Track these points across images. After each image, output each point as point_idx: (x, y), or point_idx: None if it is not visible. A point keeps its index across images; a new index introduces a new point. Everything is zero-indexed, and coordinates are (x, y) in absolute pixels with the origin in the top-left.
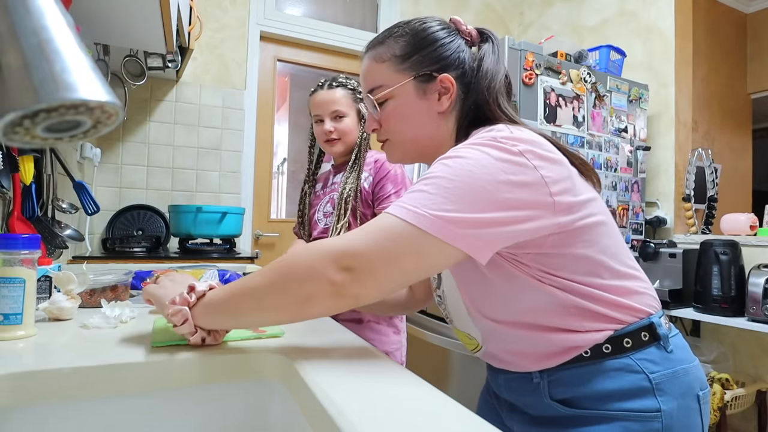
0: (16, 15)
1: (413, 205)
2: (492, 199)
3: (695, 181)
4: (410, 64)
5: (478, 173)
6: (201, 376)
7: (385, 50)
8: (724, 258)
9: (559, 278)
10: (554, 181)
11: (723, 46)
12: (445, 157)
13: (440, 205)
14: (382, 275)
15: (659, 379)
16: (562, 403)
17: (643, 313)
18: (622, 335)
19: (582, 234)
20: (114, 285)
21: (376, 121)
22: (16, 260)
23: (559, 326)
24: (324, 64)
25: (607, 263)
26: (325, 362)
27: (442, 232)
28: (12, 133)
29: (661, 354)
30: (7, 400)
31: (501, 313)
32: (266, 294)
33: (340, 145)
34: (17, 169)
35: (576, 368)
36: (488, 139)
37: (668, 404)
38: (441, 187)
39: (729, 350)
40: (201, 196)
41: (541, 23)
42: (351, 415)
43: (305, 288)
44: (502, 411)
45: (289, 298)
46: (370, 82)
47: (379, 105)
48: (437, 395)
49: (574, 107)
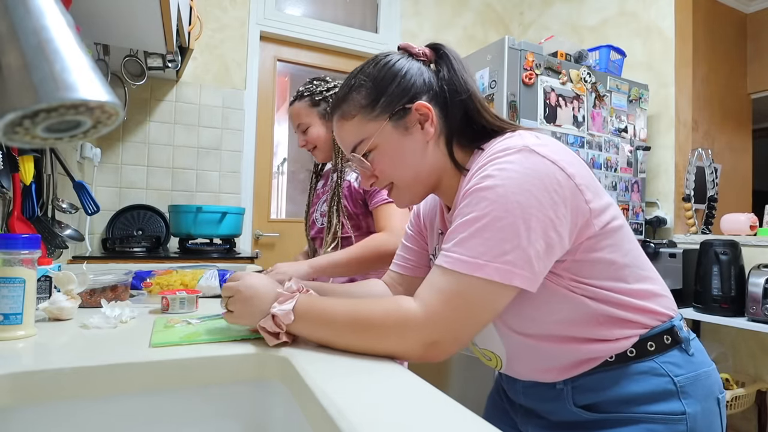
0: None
1: (473, 257)
2: (542, 226)
3: (695, 181)
4: (381, 108)
5: (526, 203)
6: (201, 376)
7: (352, 106)
8: (724, 258)
9: (590, 286)
10: (586, 187)
11: (723, 46)
12: (481, 188)
13: (498, 248)
14: (465, 337)
15: (683, 382)
16: (585, 409)
17: (665, 316)
18: (646, 339)
19: (608, 237)
20: (114, 285)
21: (371, 175)
22: (16, 260)
23: (589, 336)
24: (324, 64)
25: (631, 267)
26: (325, 362)
27: (507, 277)
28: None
29: (683, 357)
30: (7, 400)
31: (532, 328)
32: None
33: (319, 152)
34: (17, 169)
35: (600, 373)
36: (520, 148)
37: (692, 407)
38: (493, 228)
39: (729, 350)
40: (201, 196)
41: (541, 23)
42: (351, 415)
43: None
44: (517, 415)
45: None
46: (349, 141)
47: (366, 158)
48: (437, 396)
49: (574, 107)
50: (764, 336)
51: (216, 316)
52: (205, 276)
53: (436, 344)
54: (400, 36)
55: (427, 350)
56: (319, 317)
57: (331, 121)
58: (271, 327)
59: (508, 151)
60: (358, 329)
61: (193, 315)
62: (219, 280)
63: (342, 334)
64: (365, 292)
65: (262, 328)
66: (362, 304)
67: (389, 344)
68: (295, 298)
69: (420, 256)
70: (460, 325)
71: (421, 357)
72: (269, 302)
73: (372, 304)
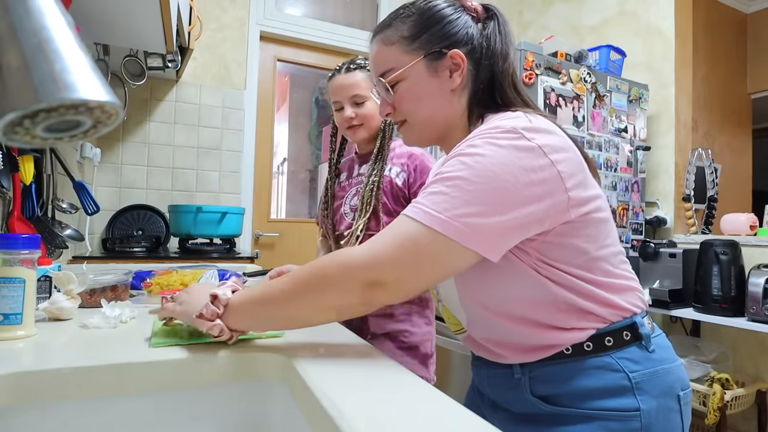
0: (16, 15)
1: (436, 210)
2: (513, 200)
3: (695, 181)
4: (419, 44)
5: (500, 174)
6: (201, 376)
7: (393, 32)
8: (724, 258)
9: (556, 269)
10: (569, 176)
11: (723, 46)
12: (463, 153)
13: (463, 209)
14: (410, 284)
15: (639, 378)
16: (543, 400)
17: (628, 312)
18: (604, 334)
19: (586, 227)
20: (114, 285)
21: (390, 105)
22: (16, 260)
23: (545, 322)
24: (324, 64)
25: (603, 260)
26: (325, 362)
27: (466, 238)
28: (12, 133)
29: (642, 353)
30: (7, 400)
31: (491, 301)
32: (292, 302)
33: (363, 130)
34: (17, 169)
35: (557, 365)
36: (508, 129)
37: (647, 403)
38: (463, 189)
39: (729, 350)
40: (201, 196)
41: (540, 23)
42: (351, 415)
43: (333, 300)
44: (486, 410)
45: (316, 307)
46: (381, 66)
47: (391, 87)
48: (437, 395)
49: (574, 107)
50: (764, 336)
51: None
52: (205, 276)
53: (379, 285)
54: None
55: (369, 292)
56: (258, 295)
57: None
58: (208, 310)
59: (498, 129)
60: (299, 290)
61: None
62: (219, 280)
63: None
64: None
65: (199, 315)
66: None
67: (331, 295)
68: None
69: None
70: (407, 268)
71: (364, 302)
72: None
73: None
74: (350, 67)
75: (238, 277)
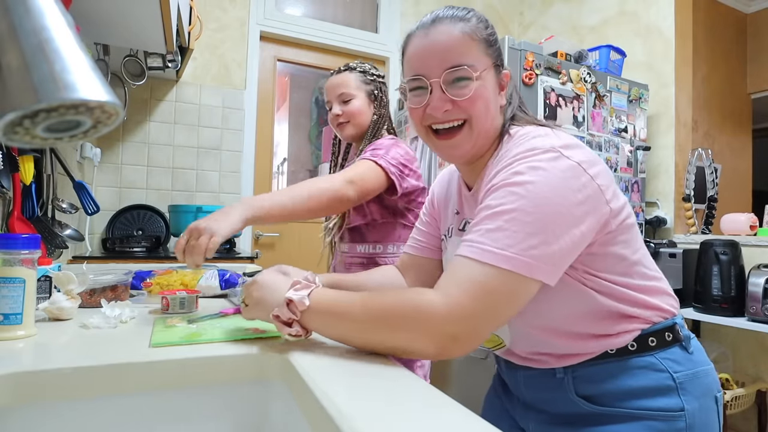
0: (16, 15)
1: (500, 248)
2: (567, 222)
3: (695, 181)
4: (493, 51)
5: (553, 198)
6: (201, 376)
7: (476, 29)
8: (724, 258)
9: (600, 279)
10: (606, 187)
11: (723, 46)
12: (510, 182)
13: (526, 242)
14: (484, 333)
15: (682, 378)
16: (586, 400)
17: (668, 313)
18: (648, 334)
19: (622, 233)
20: (114, 285)
21: (449, 101)
22: (16, 260)
23: (592, 332)
24: (324, 64)
25: (639, 264)
26: (325, 362)
27: (533, 270)
28: (12, 133)
29: (683, 354)
30: (7, 400)
31: (539, 320)
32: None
33: (350, 127)
34: (17, 169)
35: (601, 365)
36: (546, 149)
37: (691, 403)
38: (521, 221)
39: (729, 350)
40: (201, 196)
41: (541, 23)
42: (351, 416)
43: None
44: (516, 411)
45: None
46: (457, 56)
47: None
48: (437, 395)
49: (574, 107)
50: (764, 336)
51: (216, 315)
52: (205, 276)
53: (455, 339)
54: (400, 36)
55: (446, 345)
56: (335, 308)
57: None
58: (286, 314)
59: (536, 151)
60: (374, 322)
61: (193, 315)
62: (219, 280)
63: (357, 327)
64: (379, 279)
65: (276, 317)
66: (380, 296)
67: (407, 339)
68: (311, 287)
69: (432, 239)
70: (482, 318)
71: (438, 353)
72: (283, 291)
73: (390, 295)
74: (341, 69)
75: (239, 277)
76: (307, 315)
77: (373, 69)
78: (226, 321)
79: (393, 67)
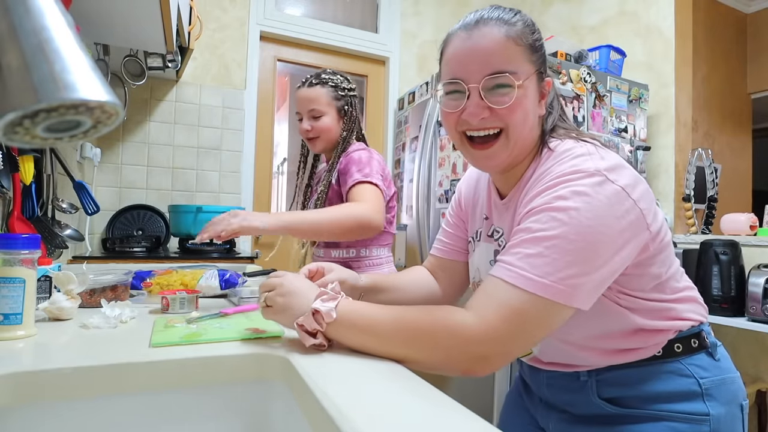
0: (16, 15)
1: (538, 275)
2: (608, 251)
3: (695, 181)
4: (537, 58)
5: (596, 227)
6: (201, 376)
7: (522, 34)
8: (724, 258)
9: (633, 297)
10: (648, 210)
11: (723, 46)
12: (553, 207)
13: (566, 271)
14: (514, 354)
15: (708, 384)
16: (609, 402)
17: (695, 321)
18: (674, 341)
19: (659, 253)
20: (114, 285)
21: (487, 108)
22: (16, 260)
23: (620, 347)
24: (324, 64)
25: (671, 279)
26: (326, 363)
27: (569, 299)
28: (12, 133)
29: (710, 361)
30: (7, 400)
31: (570, 337)
32: (391, 347)
33: (321, 143)
34: (17, 169)
35: (625, 369)
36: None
37: (716, 410)
38: (562, 249)
39: (729, 350)
40: (201, 196)
41: (540, 23)
42: (351, 416)
43: (434, 360)
44: (537, 411)
45: (414, 358)
46: (500, 62)
47: (500, 90)
48: (438, 396)
49: (574, 107)
50: (764, 336)
51: (216, 315)
52: (205, 276)
53: (485, 359)
54: (400, 36)
55: (475, 365)
56: (361, 321)
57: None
58: (311, 325)
59: (580, 175)
60: (403, 339)
61: (193, 315)
62: (219, 280)
63: (384, 342)
64: (410, 280)
65: (300, 325)
66: (410, 313)
67: (436, 357)
68: (338, 298)
69: (459, 241)
70: (514, 341)
71: (466, 371)
72: (310, 299)
73: (421, 312)
74: (312, 81)
75: (239, 277)
76: (333, 327)
77: (345, 82)
78: (226, 321)
79: (393, 68)
